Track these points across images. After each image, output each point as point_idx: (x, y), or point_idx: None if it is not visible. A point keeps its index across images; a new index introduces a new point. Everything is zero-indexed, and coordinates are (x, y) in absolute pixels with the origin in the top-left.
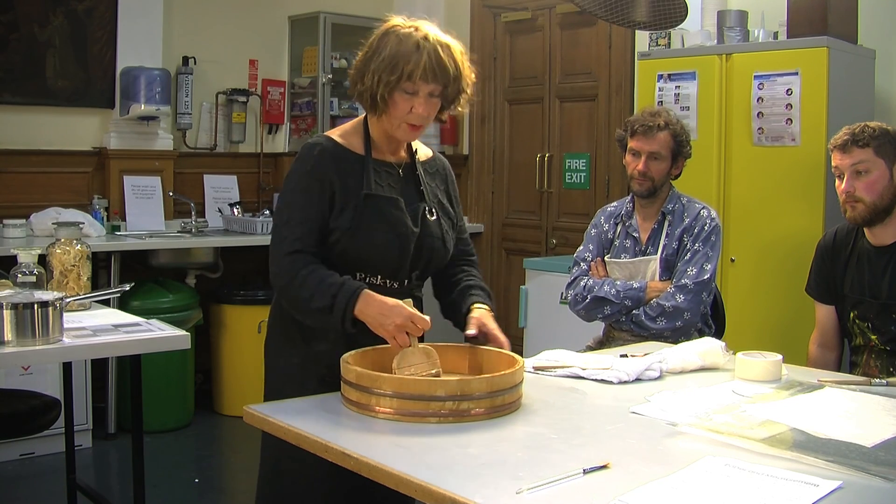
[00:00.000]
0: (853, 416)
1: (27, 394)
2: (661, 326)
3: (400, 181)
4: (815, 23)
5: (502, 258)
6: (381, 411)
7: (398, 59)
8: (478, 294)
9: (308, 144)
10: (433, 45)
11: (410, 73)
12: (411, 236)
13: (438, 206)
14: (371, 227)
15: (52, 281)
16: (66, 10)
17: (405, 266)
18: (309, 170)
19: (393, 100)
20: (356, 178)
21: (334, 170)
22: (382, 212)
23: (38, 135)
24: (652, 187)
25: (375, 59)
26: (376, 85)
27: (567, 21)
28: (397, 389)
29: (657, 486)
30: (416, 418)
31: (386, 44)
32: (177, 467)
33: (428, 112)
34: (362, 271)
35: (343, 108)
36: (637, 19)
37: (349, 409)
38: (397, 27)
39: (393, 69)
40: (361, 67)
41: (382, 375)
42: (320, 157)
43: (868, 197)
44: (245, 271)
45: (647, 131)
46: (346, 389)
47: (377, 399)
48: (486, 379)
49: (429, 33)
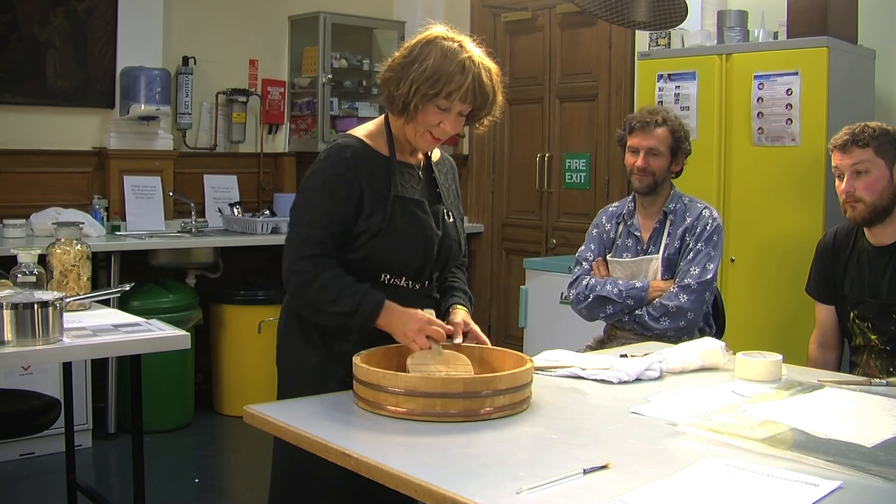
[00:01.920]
0: (853, 416)
1: (27, 394)
2: (665, 326)
3: (420, 183)
4: (815, 23)
5: (502, 258)
6: (393, 411)
7: (441, 75)
8: (460, 297)
9: (338, 146)
10: (478, 69)
11: (451, 92)
12: (436, 238)
13: (454, 208)
14: (401, 230)
15: (52, 281)
16: (66, 10)
17: (428, 268)
18: (341, 172)
19: (424, 111)
20: (384, 180)
21: (365, 172)
22: (411, 214)
23: (38, 135)
24: (652, 182)
25: (416, 68)
26: (412, 94)
27: (567, 21)
28: (407, 388)
29: (657, 486)
30: (427, 417)
31: (429, 54)
32: (177, 467)
33: (454, 129)
34: (387, 272)
35: (343, 108)
36: (637, 19)
37: (361, 407)
38: (441, 39)
39: (434, 84)
40: (399, 72)
41: (395, 374)
42: (353, 160)
43: (868, 197)
44: (245, 271)
45: (645, 127)
46: (357, 388)
47: (386, 397)
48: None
49: (474, 55)
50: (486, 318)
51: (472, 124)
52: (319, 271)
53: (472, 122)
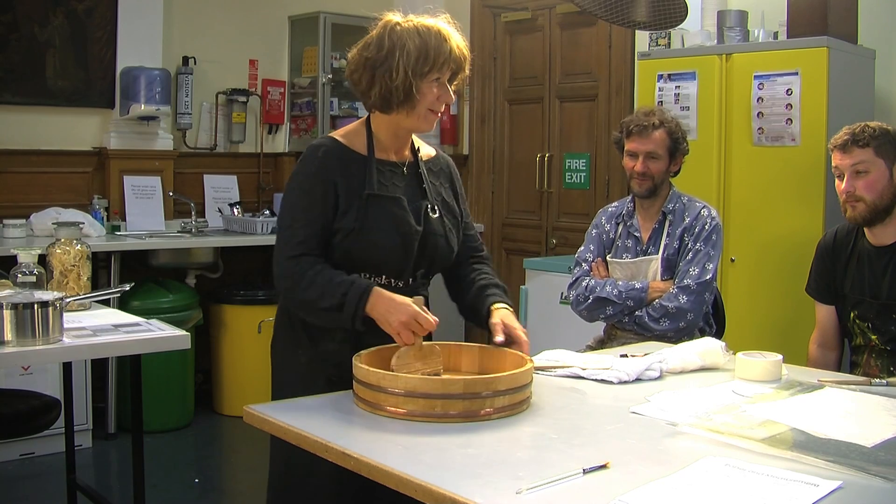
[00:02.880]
0: (853, 416)
1: (27, 394)
2: (665, 327)
3: (404, 180)
4: (815, 23)
5: (502, 258)
6: (393, 412)
7: (427, 49)
8: (495, 294)
9: (312, 146)
10: (452, 33)
11: (443, 63)
12: (415, 235)
13: (441, 204)
14: (375, 227)
15: (52, 281)
16: (66, 10)
17: (409, 265)
18: (314, 171)
19: (423, 90)
20: (359, 178)
21: (339, 171)
22: (386, 211)
23: (38, 135)
24: (652, 186)
25: (400, 54)
26: (409, 76)
27: (567, 21)
28: (407, 389)
29: (657, 486)
30: (427, 419)
31: (404, 37)
32: (177, 467)
33: (449, 98)
34: (366, 271)
35: (343, 108)
36: (637, 19)
37: (361, 408)
38: (403, 21)
39: (426, 60)
40: (383, 66)
41: (395, 375)
42: (325, 159)
43: (869, 196)
44: (245, 271)
45: (643, 131)
46: (357, 388)
47: (386, 398)
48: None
49: (439, 24)
50: None
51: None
52: (305, 270)
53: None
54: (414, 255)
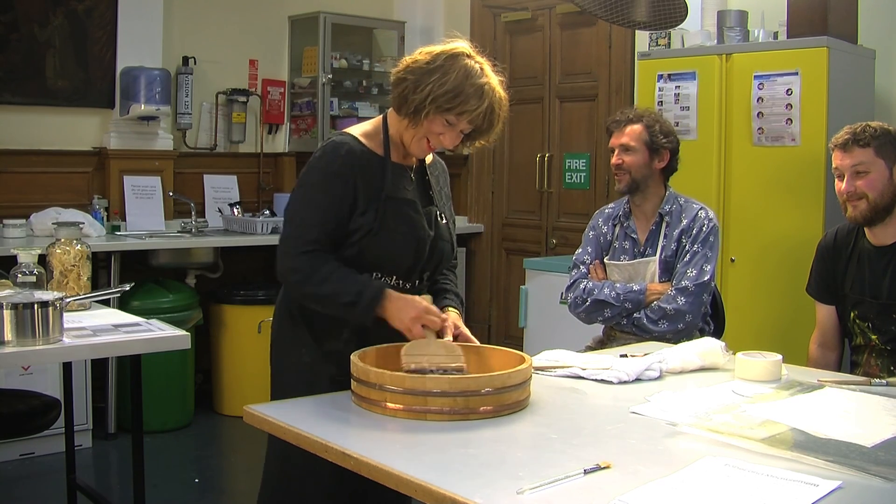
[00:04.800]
0: (853, 416)
1: (27, 394)
2: (663, 329)
3: (412, 184)
4: (815, 23)
5: (502, 258)
6: (389, 408)
7: (459, 93)
8: (452, 298)
9: (334, 143)
10: (495, 99)
11: (464, 112)
12: (428, 239)
13: (447, 210)
14: (393, 229)
15: (52, 281)
16: (66, 10)
17: (418, 268)
18: (335, 170)
19: (432, 120)
20: (377, 179)
21: (359, 171)
22: (403, 214)
23: (38, 135)
24: (631, 181)
25: (437, 78)
26: (427, 102)
27: (567, 21)
28: (402, 386)
29: (657, 486)
30: (421, 415)
31: (451, 69)
32: (177, 467)
33: (452, 143)
34: (378, 271)
35: (343, 108)
36: (637, 19)
37: (359, 406)
38: (465, 56)
39: (451, 100)
40: (418, 77)
41: (390, 373)
42: (348, 158)
43: (870, 193)
44: (245, 271)
45: (617, 125)
46: (355, 386)
47: (382, 395)
48: (497, 376)
49: (492, 81)
50: (486, 318)
51: (466, 142)
52: (319, 265)
53: (467, 141)
54: (425, 259)
